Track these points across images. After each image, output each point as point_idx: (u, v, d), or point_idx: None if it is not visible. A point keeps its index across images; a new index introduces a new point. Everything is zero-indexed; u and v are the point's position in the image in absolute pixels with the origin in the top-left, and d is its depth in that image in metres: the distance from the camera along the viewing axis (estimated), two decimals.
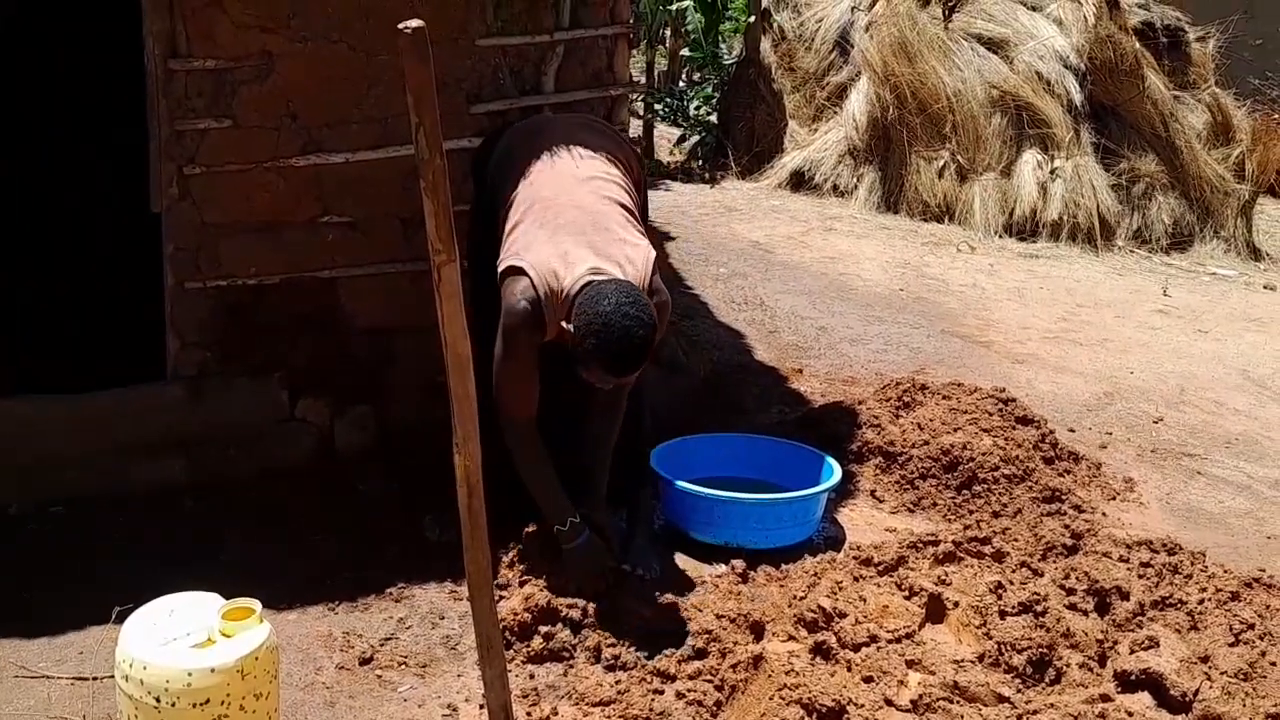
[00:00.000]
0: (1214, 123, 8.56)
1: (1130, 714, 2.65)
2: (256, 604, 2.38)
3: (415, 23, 2.02)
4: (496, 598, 2.80)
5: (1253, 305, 7.01)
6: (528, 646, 3.05)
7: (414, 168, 2.92)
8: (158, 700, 2.23)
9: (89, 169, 5.45)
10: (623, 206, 3.28)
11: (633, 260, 3.14)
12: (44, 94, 5.76)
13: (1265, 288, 7.44)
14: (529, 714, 2.82)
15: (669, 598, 3.27)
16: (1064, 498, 3.92)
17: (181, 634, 2.30)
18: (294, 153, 3.75)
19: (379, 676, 2.98)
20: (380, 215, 3.88)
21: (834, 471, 3.80)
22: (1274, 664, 2.91)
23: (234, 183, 3.72)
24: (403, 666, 3.03)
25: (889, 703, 2.68)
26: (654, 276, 3.19)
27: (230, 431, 3.85)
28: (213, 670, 2.24)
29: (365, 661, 3.03)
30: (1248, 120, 8.74)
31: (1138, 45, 8.29)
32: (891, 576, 3.28)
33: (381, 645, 3.10)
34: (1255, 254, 8.22)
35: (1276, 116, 9.61)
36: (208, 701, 2.24)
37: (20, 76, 5.64)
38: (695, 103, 10.91)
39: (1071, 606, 3.05)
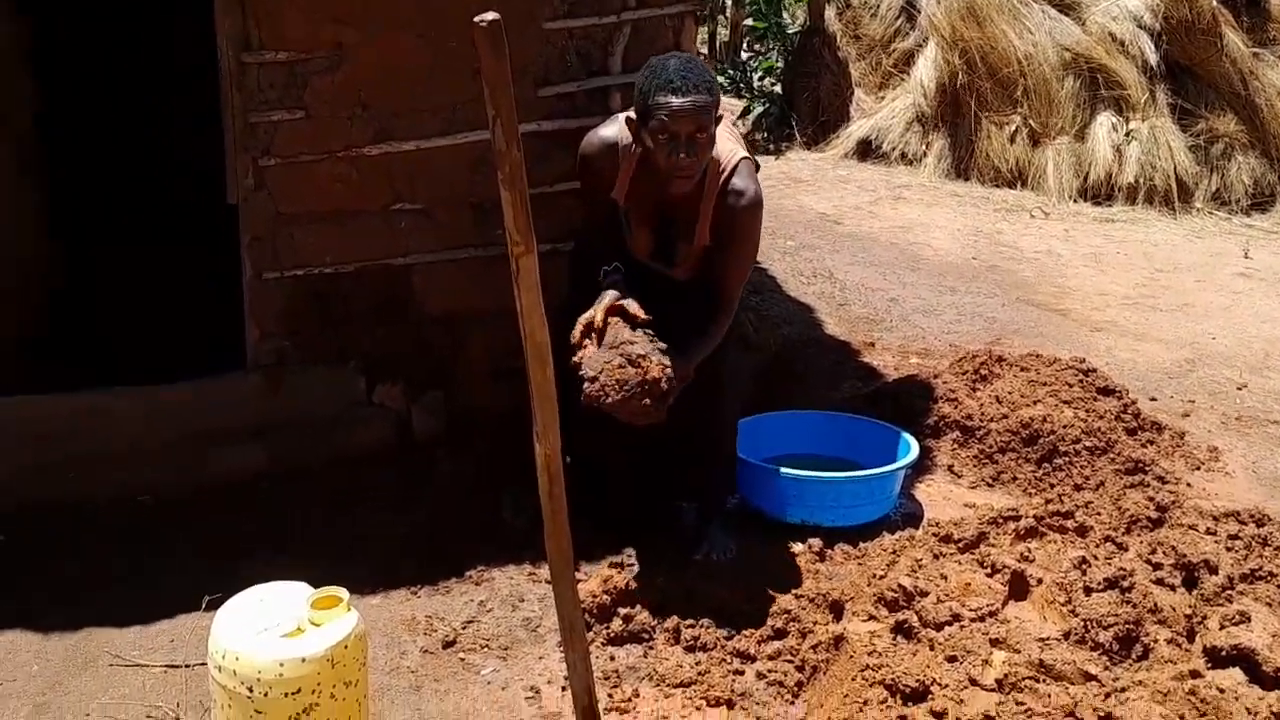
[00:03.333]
0: None
1: (1221, 690, 2.60)
2: (344, 592, 2.42)
3: (491, 15, 2.02)
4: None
5: None
6: (607, 628, 3.07)
7: (483, 153, 2.94)
8: (250, 690, 2.28)
9: (173, 162, 5.56)
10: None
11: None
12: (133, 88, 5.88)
13: None
14: (610, 695, 2.84)
15: (746, 578, 3.27)
16: (1147, 469, 3.85)
17: (272, 624, 2.34)
18: (365, 141, 3.79)
19: (462, 659, 3.03)
20: (451, 201, 3.90)
21: (911, 447, 3.77)
22: None
23: (308, 173, 3.77)
24: (485, 649, 3.07)
25: (974, 682, 2.65)
26: (735, 171, 3.12)
27: (309, 419, 3.91)
28: (303, 660, 2.29)
29: (448, 644, 3.07)
30: None
31: (1214, 2, 8.04)
32: (972, 553, 3.25)
33: (464, 628, 3.15)
34: None
35: None
36: (299, 691, 2.29)
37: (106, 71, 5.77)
38: (759, 73, 10.82)
39: (1158, 581, 2.99)
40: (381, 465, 3.90)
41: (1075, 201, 7.81)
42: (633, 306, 3.00)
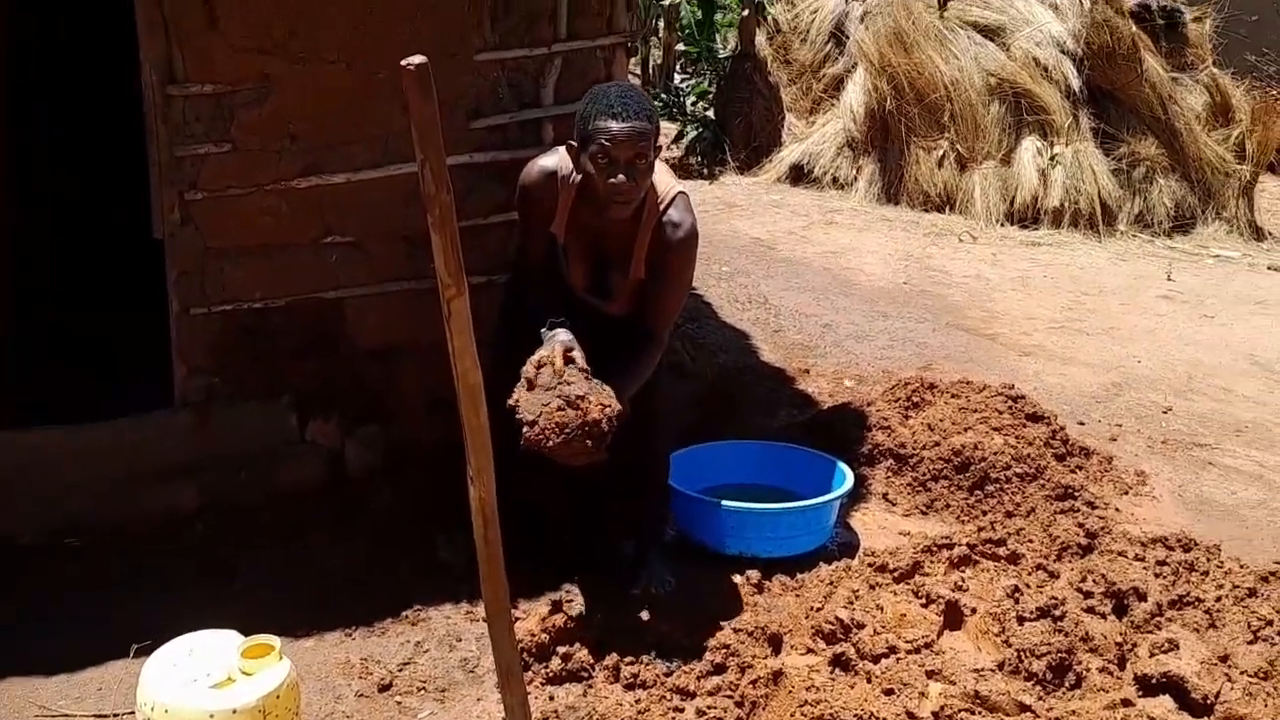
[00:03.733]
0: (1213, 103, 8.53)
1: (1152, 718, 2.65)
2: (276, 640, 2.38)
3: (418, 59, 2.01)
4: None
5: (1257, 287, 6.99)
6: (546, 668, 3.04)
7: (415, 185, 2.91)
8: None
9: (93, 195, 5.44)
10: None
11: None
12: (47, 118, 5.75)
13: (1269, 269, 7.42)
14: None
15: (685, 612, 3.27)
16: (1077, 494, 3.91)
17: (201, 674, 2.30)
18: (295, 174, 3.73)
19: (399, 703, 2.98)
20: (383, 234, 3.86)
21: (846, 477, 3.80)
22: None
23: (236, 206, 3.71)
24: (422, 692, 3.03)
25: (911, 715, 2.67)
26: (672, 204, 3.15)
27: (240, 456, 3.84)
28: (234, 711, 2.24)
29: (384, 688, 3.02)
30: (1247, 100, 8.70)
31: (1134, 28, 8.25)
32: (908, 584, 3.28)
33: (400, 670, 3.10)
34: (1258, 234, 8.21)
35: (1275, 94, 9.57)
36: None
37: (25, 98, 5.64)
38: (691, 98, 10.88)
39: (1089, 610, 3.04)
40: (315, 502, 3.84)
41: (1002, 225, 7.95)
42: (580, 360, 2.97)
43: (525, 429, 2.80)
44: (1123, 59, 8.12)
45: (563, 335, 3.01)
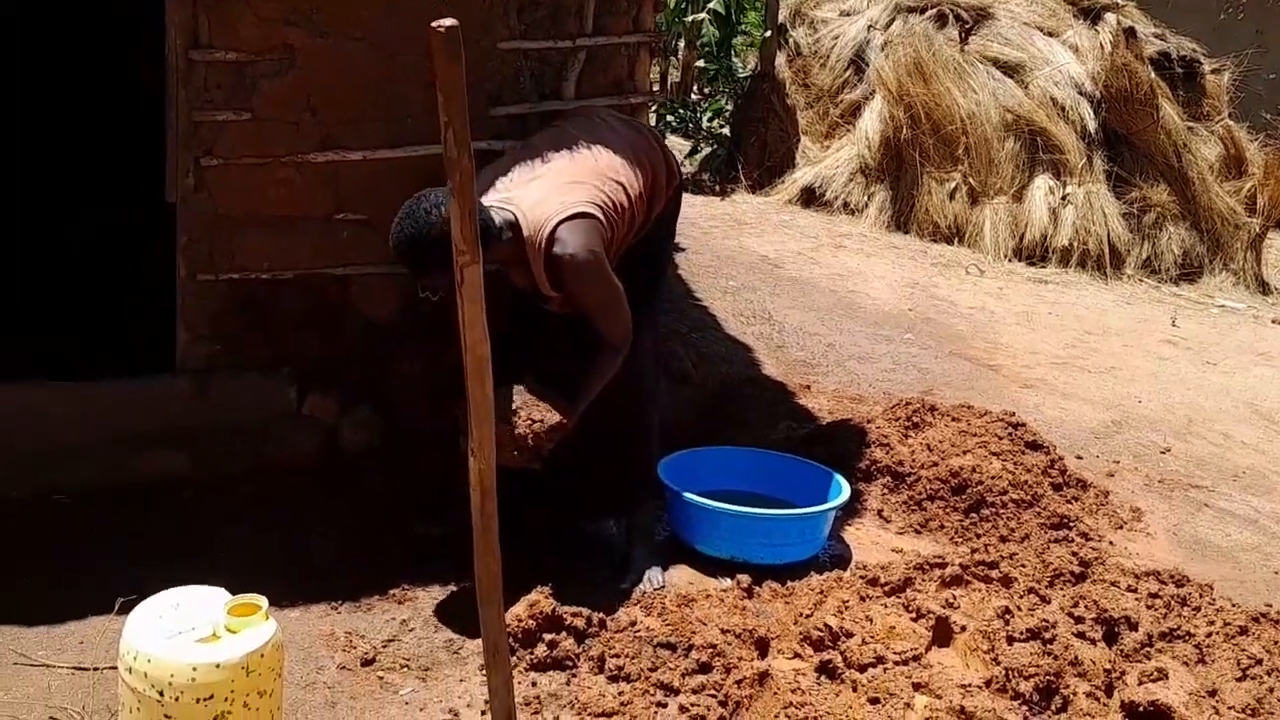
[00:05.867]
0: (1226, 155, 8.56)
1: None
2: (263, 600, 2.35)
3: (449, 21, 2.00)
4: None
5: (1261, 339, 7.00)
6: (531, 654, 3.02)
7: (431, 168, 2.91)
8: (161, 694, 2.20)
9: (109, 157, 5.43)
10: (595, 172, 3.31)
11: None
12: (60, 82, 5.75)
13: (1274, 322, 7.43)
14: None
15: (673, 611, 3.25)
16: (1072, 525, 3.90)
17: (187, 628, 2.27)
18: (312, 148, 3.73)
19: (381, 678, 2.96)
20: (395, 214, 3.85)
21: (843, 489, 3.78)
22: None
23: (250, 176, 3.70)
24: (405, 669, 3.01)
25: None
26: (552, 241, 3.15)
27: (236, 426, 3.82)
28: (218, 666, 2.22)
29: (367, 663, 3.00)
30: (1260, 154, 8.74)
31: (1153, 75, 8.28)
32: (899, 597, 3.26)
33: (384, 647, 3.08)
34: (1264, 288, 8.22)
35: None
36: (211, 697, 2.22)
37: (35, 63, 5.64)
38: (708, 115, 10.90)
39: (1080, 635, 3.03)
40: (310, 477, 3.83)
41: (1010, 261, 7.95)
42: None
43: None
44: (1140, 104, 8.15)
45: None
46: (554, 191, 3.22)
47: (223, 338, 3.80)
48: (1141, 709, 2.76)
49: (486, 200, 3.18)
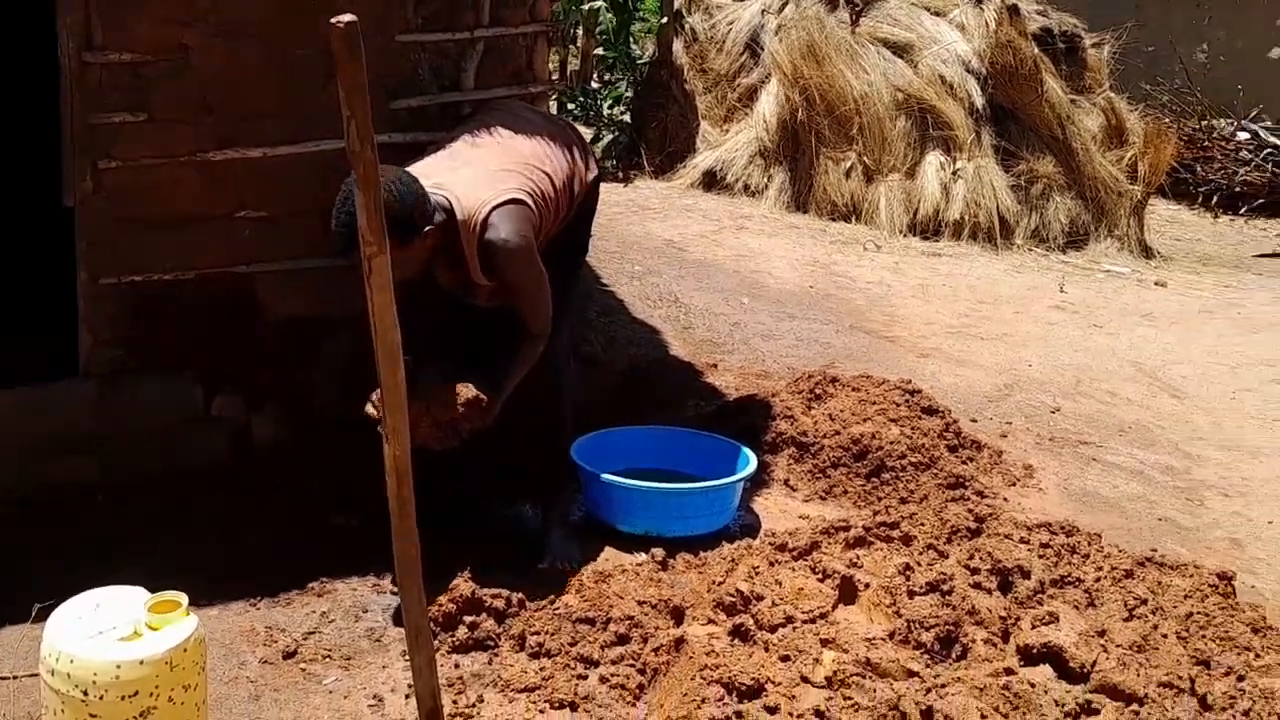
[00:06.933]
0: (1108, 126, 8.88)
1: (1032, 685, 2.78)
2: (183, 597, 2.39)
3: (348, 17, 2.06)
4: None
5: (1144, 301, 7.31)
6: (453, 636, 3.09)
7: (333, 162, 2.95)
8: (85, 693, 2.23)
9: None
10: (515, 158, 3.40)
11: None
12: None
13: (1156, 284, 7.76)
14: (455, 702, 2.86)
15: (591, 587, 3.34)
16: (967, 484, 4.07)
17: (108, 627, 2.30)
18: (211, 147, 3.73)
19: (303, 670, 3.00)
20: (298, 210, 3.87)
21: (749, 461, 3.91)
22: (1165, 636, 3.07)
23: (149, 177, 3.69)
24: (327, 659, 3.05)
25: (805, 680, 2.77)
26: (486, 226, 3.22)
27: (144, 429, 3.82)
28: (141, 662, 2.25)
29: (289, 655, 3.04)
30: (1140, 123, 9.09)
31: (1036, 50, 8.56)
32: (806, 560, 3.39)
33: (305, 639, 3.12)
34: (1147, 252, 8.57)
35: (1166, 120, 10.02)
36: (136, 694, 2.25)
37: None
38: (608, 102, 10.98)
39: (976, 585, 3.18)
40: (221, 477, 3.83)
41: (905, 235, 8.17)
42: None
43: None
44: (1024, 79, 8.42)
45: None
46: (486, 178, 3.28)
47: (127, 341, 3.79)
48: (1035, 651, 2.92)
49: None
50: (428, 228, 3.10)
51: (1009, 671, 2.85)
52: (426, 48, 3.95)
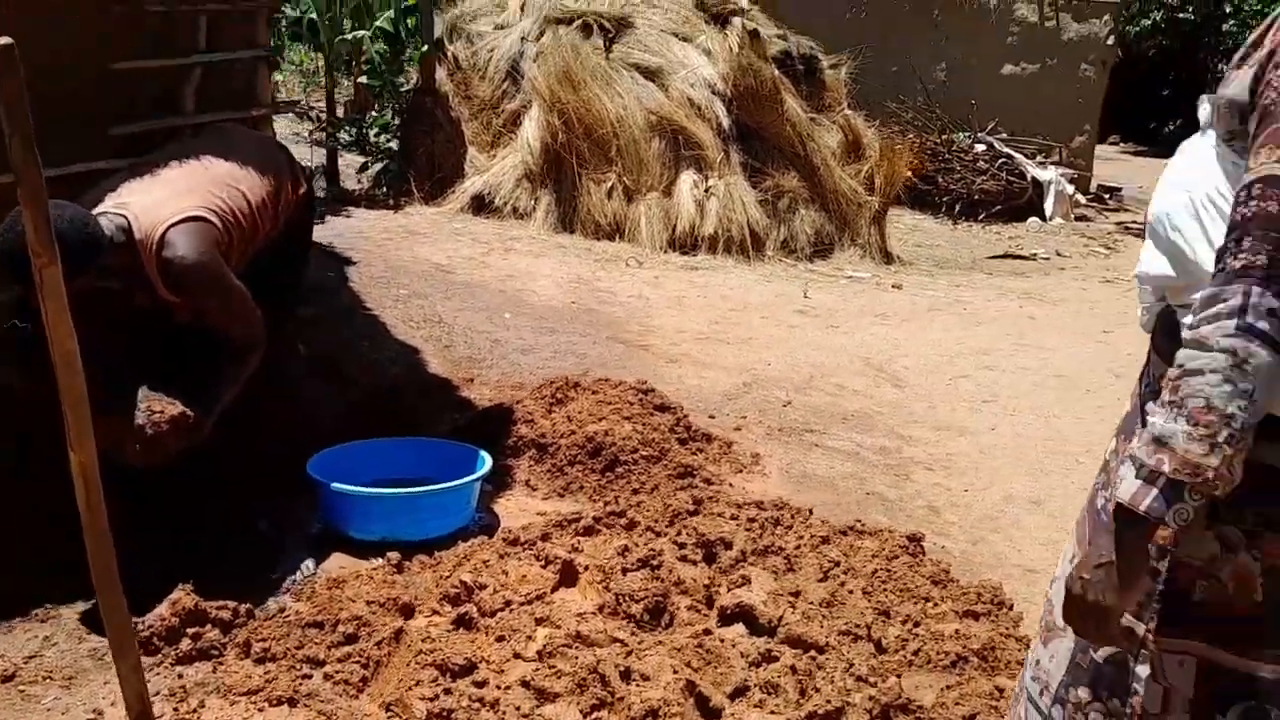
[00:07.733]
0: (846, 141, 9.50)
1: (723, 641, 3.04)
2: None
3: (3, 40, 2.13)
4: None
5: (880, 302, 7.85)
6: (176, 649, 3.12)
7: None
8: None
9: None
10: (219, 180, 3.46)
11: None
12: None
13: (893, 286, 8.35)
14: (176, 709, 2.90)
15: (323, 593, 3.42)
16: (696, 473, 4.35)
17: None
18: None
19: (22, 692, 2.98)
20: None
21: (485, 462, 4.07)
22: (851, 592, 3.40)
23: None
24: (48, 680, 3.04)
25: (517, 655, 2.95)
26: (163, 244, 3.24)
27: None
28: None
29: (7, 679, 3.01)
30: (876, 139, 9.75)
31: (776, 72, 9.10)
32: (532, 550, 3.58)
33: (25, 662, 3.10)
34: (888, 258, 9.20)
35: (909, 135, 10.77)
36: None
37: None
38: (374, 130, 11.01)
39: (682, 559, 3.43)
40: None
41: (665, 251, 8.54)
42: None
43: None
44: (766, 100, 8.94)
45: None
46: (168, 198, 3.32)
47: None
48: (729, 611, 3.18)
49: (100, 208, 3.24)
50: (101, 254, 3.11)
51: (707, 632, 3.10)
52: (145, 74, 3.98)
